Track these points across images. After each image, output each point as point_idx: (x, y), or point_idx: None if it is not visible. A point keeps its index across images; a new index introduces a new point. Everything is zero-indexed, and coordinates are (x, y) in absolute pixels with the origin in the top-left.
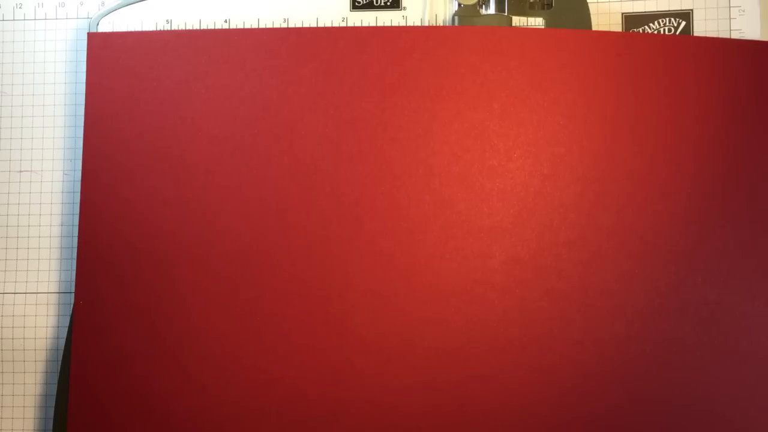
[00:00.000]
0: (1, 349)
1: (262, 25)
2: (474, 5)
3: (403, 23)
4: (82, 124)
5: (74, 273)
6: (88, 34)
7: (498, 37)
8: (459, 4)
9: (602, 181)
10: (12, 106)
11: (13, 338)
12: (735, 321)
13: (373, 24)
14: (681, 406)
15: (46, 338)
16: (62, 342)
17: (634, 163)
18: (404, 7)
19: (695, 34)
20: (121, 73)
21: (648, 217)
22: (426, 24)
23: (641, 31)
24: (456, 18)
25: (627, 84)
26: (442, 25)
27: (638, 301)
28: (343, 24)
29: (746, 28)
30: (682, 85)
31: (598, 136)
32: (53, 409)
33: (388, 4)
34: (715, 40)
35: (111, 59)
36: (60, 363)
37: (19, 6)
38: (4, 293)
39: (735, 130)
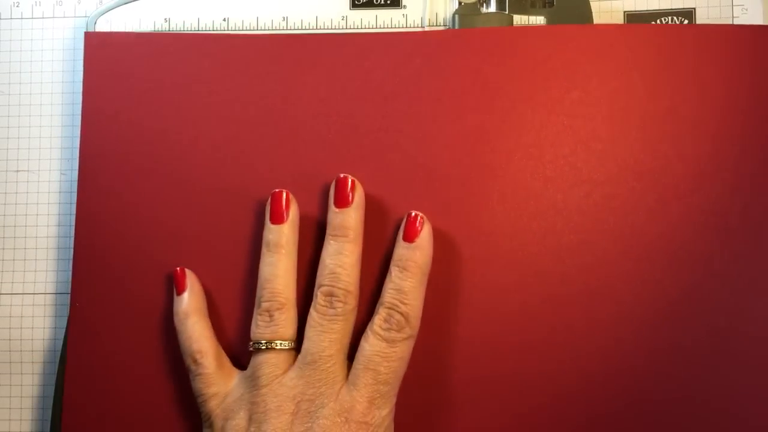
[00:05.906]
0: None
1: (261, 24)
2: (474, 4)
3: (403, 21)
4: (80, 124)
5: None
6: (86, 33)
7: (498, 38)
8: (459, 3)
9: (609, 182)
10: (9, 105)
11: (10, 339)
12: (758, 331)
13: (372, 22)
14: (694, 421)
15: (44, 339)
16: (60, 343)
17: (645, 163)
18: (404, 6)
19: None
20: (119, 73)
21: (660, 220)
22: (426, 22)
23: None
24: (456, 17)
25: (636, 78)
26: (442, 23)
27: (647, 308)
28: (343, 22)
29: None
30: (698, 76)
31: (605, 136)
32: (51, 410)
33: (388, 2)
34: (730, 27)
35: (109, 59)
36: (58, 364)
37: (16, 4)
38: (1, 294)
39: (758, 123)
